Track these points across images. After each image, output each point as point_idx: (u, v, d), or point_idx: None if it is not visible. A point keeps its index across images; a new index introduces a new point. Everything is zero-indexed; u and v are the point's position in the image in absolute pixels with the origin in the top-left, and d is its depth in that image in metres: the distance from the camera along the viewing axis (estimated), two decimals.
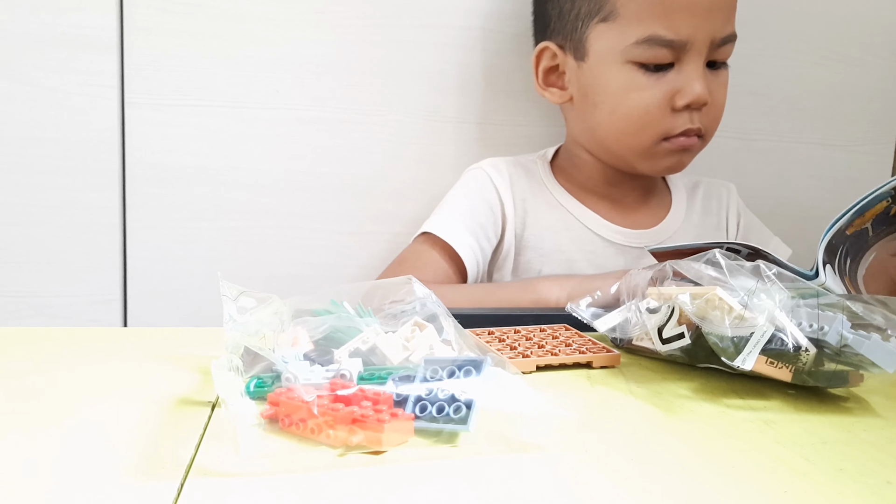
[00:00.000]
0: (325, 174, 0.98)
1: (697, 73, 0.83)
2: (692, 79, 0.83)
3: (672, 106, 0.84)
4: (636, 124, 0.86)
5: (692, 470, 0.42)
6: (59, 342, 0.62)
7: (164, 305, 0.98)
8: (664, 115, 0.85)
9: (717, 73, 0.87)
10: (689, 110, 0.85)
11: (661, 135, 0.86)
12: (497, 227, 0.91)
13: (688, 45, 0.83)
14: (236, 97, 0.95)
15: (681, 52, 0.83)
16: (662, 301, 0.57)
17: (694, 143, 0.87)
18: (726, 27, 0.84)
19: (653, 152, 0.87)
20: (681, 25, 0.82)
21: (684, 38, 0.82)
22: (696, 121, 0.85)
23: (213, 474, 0.40)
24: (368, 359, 0.50)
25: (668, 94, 0.84)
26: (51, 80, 0.93)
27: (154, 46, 0.93)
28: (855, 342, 0.50)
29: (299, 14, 0.95)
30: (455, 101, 0.97)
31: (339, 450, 0.42)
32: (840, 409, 0.52)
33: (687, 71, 0.83)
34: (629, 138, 0.87)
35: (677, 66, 0.84)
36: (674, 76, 0.84)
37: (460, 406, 0.44)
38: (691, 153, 0.88)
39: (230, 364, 0.47)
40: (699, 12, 0.82)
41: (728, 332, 0.51)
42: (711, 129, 0.88)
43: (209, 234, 0.97)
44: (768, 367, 0.51)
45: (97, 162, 0.95)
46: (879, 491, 0.40)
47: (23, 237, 0.95)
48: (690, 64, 0.83)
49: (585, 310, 0.62)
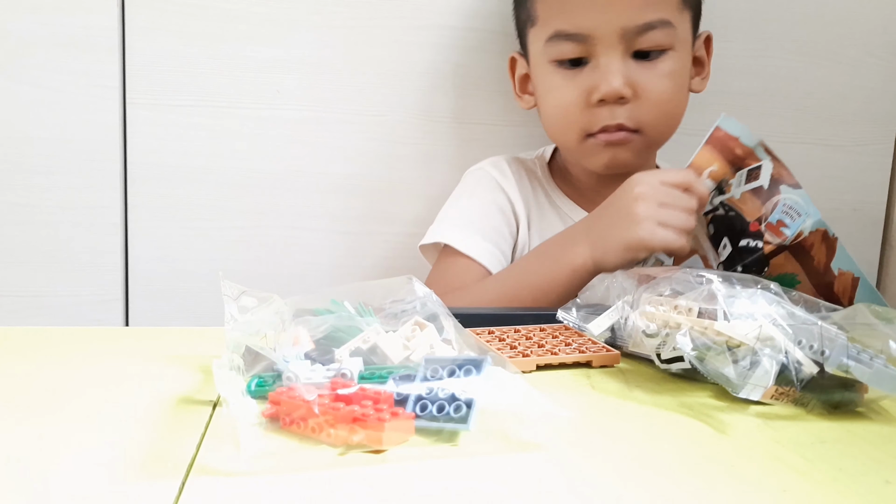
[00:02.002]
0: (325, 174, 0.98)
1: (611, 66, 0.81)
2: (606, 72, 0.81)
3: (589, 102, 0.83)
4: (558, 123, 0.87)
5: (691, 469, 0.42)
6: (60, 342, 0.62)
7: (165, 305, 0.98)
8: (583, 112, 0.83)
9: (650, 63, 0.83)
10: (608, 105, 0.82)
11: (583, 131, 0.84)
12: (512, 226, 0.91)
13: (592, 38, 0.81)
14: (237, 97, 0.96)
15: (589, 46, 0.82)
16: (658, 324, 0.56)
17: (622, 137, 0.83)
18: (642, 15, 0.81)
19: (583, 150, 0.86)
20: (581, 18, 0.81)
21: (586, 31, 0.81)
22: (619, 116, 0.82)
23: (215, 473, 0.40)
24: (369, 358, 0.50)
25: (584, 91, 0.83)
26: (52, 80, 0.93)
27: (155, 47, 0.94)
28: (857, 370, 0.48)
29: (299, 14, 0.95)
30: (455, 102, 0.97)
31: (339, 449, 0.42)
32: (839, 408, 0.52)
33: (601, 65, 0.82)
34: (558, 137, 0.89)
35: (592, 61, 0.83)
36: (589, 72, 0.83)
37: (460, 405, 0.44)
38: (627, 148, 0.84)
39: (231, 363, 0.47)
40: (598, 4, 0.81)
41: (732, 374, 0.50)
42: (650, 124, 0.84)
43: (210, 234, 0.97)
44: (774, 399, 0.51)
45: (98, 162, 0.95)
46: (878, 490, 0.40)
47: (23, 237, 0.95)
48: (603, 57, 0.82)
49: (576, 314, 0.62)
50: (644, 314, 0.57)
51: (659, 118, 0.85)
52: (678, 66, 0.85)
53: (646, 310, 0.57)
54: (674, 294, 0.57)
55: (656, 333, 0.56)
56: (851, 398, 0.51)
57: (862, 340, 0.51)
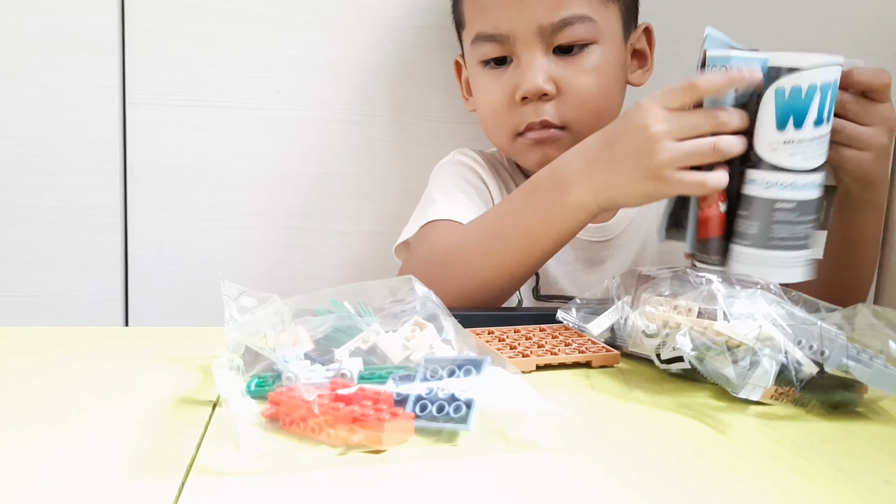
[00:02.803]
0: (325, 174, 0.98)
1: (530, 64, 0.81)
2: (526, 70, 0.81)
3: (513, 101, 0.82)
4: (488, 123, 0.88)
5: (691, 469, 0.42)
6: (60, 342, 0.63)
7: (165, 305, 0.98)
8: (510, 111, 0.83)
9: (573, 58, 0.82)
10: (532, 103, 0.82)
11: (512, 130, 0.84)
12: (489, 205, 0.89)
13: (511, 37, 0.82)
14: (236, 97, 0.96)
15: (510, 46, 0.82)
16: (658, 324, 0.56)
17: (549, 135, 0.82)
18: (557, 12, 0.81)
19: (516, 149, 0.86)
20: (498, 19, 0.82)
21: (505, 30, 0.82)
22: (544, 112, 0.82)
23: (215, 473, 0.40)
24: (369, 358, 0.51)
25: (508, 90, 0.83)
26: (52, 80, 0.93)
27: (155, 47, 0.94)
28: (857, 370, 0.49)
29: (299, 15, 0.95)
30: (455, 102, 0.97)
31: (339, 449, 0.42)
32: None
33: (522, 63, 0.82)
34: (492, 137, 0.89)
35: (514, 59, 0.83)
36: (512, 71, 0.83)
37: (460, 405, 0.44)
38: (556, 146, 0.82)
39: (231, 363, 0.47)
40: (514, 4, 0.81)
41: (732, 374, 0.50)
42: (577, 120, 0.82)
43: (210, 234, 0.97)
44: (773, 399, 0.51)
45: (98, 162, 0.95)
46: (878, 490, 0.40)
47: (24, 237, 0.95)
48: (524, 56, 0.82)
49: (575, 314, 0.61)
50: (644, 314, 0.57)
51: (585, 113, 0.83)
52: (603, 59, 0.84)
53: (646, 310, 0.57)
54: (673, 294, 0.57)
55: (656, 333, 0.56)
56: (851, 398, 0.51)
57: (862, 340, 0.51)
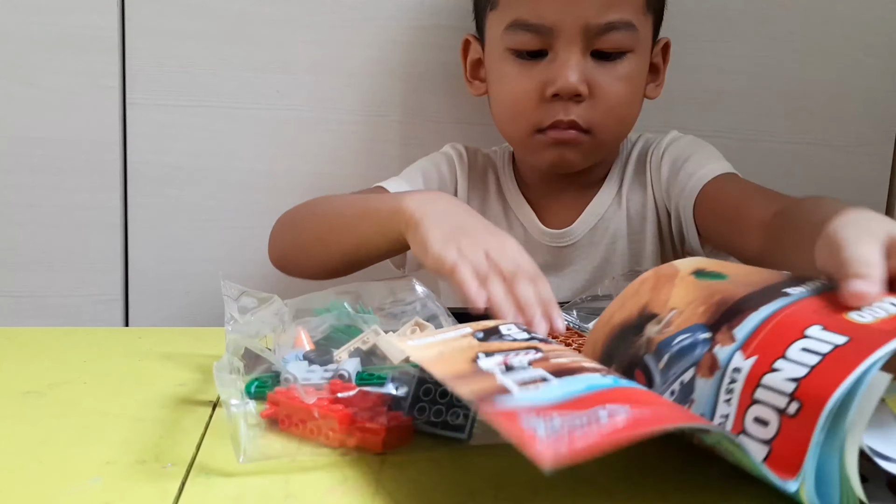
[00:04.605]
0: (325, 174, 0.98)
1: (569, 61, 0.78)
2: (563, 67, 0.78)
3: (543, 96, 0.80)
4: (508, 113, 0.85)
5: (691, 469, 0.42)
6: (60, 342, 0.63)
7: (165, 305, 0.98)
8: (536, 106, 0.80)
9: (609, 64, 0.81)
10: (562, 101, 0.79)
11: (533, 126, 0.81)
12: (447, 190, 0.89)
13: (555, 30, 0.78)
14: (236, 97, 0.96)
15: (550, 39, 0.79)
16: None
17: (572, 136, 0.81)
18: (606, 14, 0.79)
19: (531, 145, 0.83)
20: (545, 9, 0.78)
21: (549, 23, 0.78)
22: (572, 113, 0.79)
23: (214, 473, 0.40)
24: (368, 359, 0.51)
25: (539, 84, 0.80)
26: (52, 80, 0.93)
27: (155, 47, 0.94)
28: None
29: (299, 15, 0.95)
30: (455, 102, 0.97)
31: (338, 450, 0.42)
32: None
33: (559, 59, 0.79)
34: (506, 128, 0.86)
35: (550, 54, 0.80)
36: (546, 65, 0.80)
37: (457, 412, 0.44)
38: (575, 148, 0.82)
39: (231, 365, 0.47)
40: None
41: None
42: (602, 126, 0.81)
43: (210, 234, 0.97)
44: None
45: (98, 162, 0.95)
46: None
47: (24, 237, 0.95)
48: (562, 52, 0.79)
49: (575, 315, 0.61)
50: None
51: (611, 121, 0.82)
52: (636, 70, 0.83)
53: None
54: None
55: None
56: None
57: None
